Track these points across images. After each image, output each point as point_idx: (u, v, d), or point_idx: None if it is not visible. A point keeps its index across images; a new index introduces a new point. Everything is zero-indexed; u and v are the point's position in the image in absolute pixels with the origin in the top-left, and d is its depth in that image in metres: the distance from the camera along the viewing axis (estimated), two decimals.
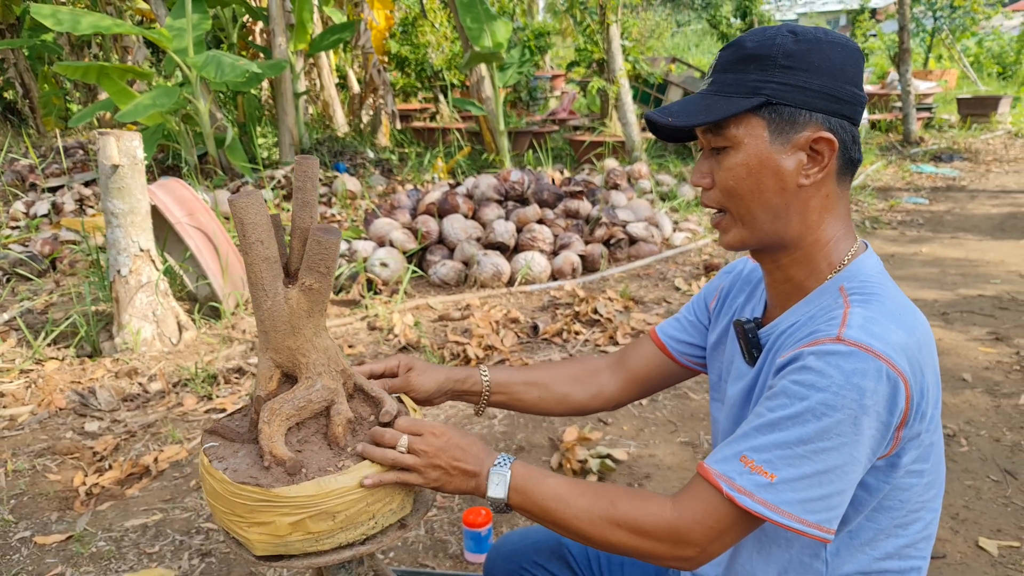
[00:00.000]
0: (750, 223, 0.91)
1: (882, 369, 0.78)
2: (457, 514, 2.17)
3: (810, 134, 0.87)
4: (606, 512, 0.89)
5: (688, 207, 5.96)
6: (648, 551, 0.88)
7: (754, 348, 0.97)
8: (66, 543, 2.08)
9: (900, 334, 0.81)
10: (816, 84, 0.86)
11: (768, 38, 0.87)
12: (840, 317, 0.83)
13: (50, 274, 4.62)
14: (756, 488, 0.81)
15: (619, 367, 1.24)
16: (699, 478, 0.87)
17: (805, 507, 0.79)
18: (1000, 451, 2.40)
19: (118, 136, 3.14)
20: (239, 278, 3.83)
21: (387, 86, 8.57)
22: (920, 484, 0.88)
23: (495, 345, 3.35)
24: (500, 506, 0.95)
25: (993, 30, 15.69)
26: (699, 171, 0.94)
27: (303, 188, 0.96)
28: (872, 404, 0.78)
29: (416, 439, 0.95)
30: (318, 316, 0.96)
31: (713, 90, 0.90)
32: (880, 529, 0.89)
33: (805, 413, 0.79)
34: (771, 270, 0.97)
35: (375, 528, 0.97)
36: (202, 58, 6.04)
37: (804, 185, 0.89)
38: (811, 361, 0.81)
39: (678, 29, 24.42)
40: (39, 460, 2.51)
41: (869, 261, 0.93)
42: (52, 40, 9.66)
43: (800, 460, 0.79)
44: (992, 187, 6.96)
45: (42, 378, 3.09)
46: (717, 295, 1.16)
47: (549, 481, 0.93)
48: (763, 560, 0.95)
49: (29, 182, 6.59)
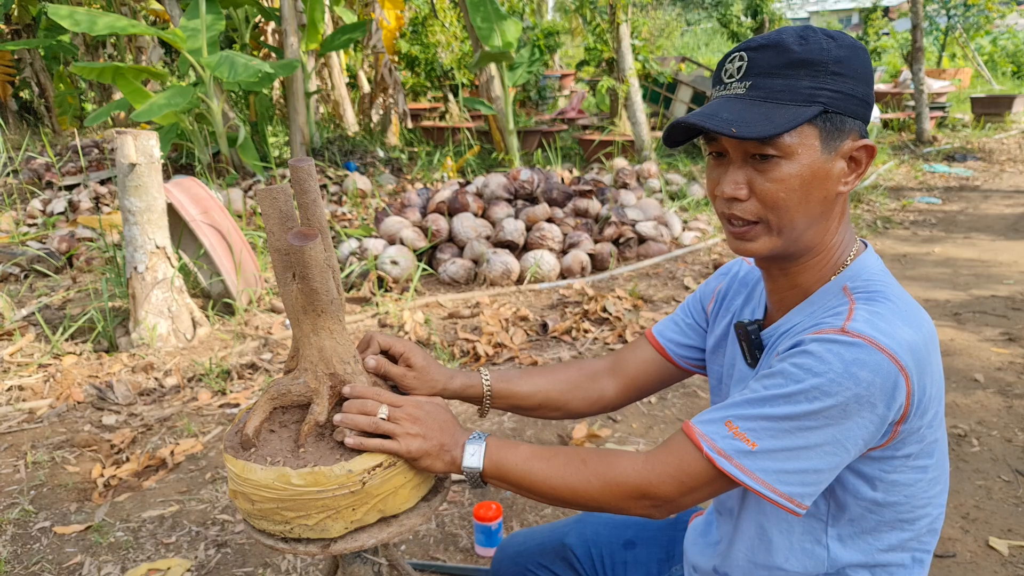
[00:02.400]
0: (787, 233, 0.87)
1: (883, 361, 0.79)
2: (468, 508, 2.19)
3: (852, 142, 0.87)
4: (577, 471, 0.91)
5: (697, 206, 5.96)
6: (616, 504, 0.90)
7: (756, 349, 0.98)
8: (85, 533, 2.13)
9: (907, 331, 0.82)
10: (860, 92, 0.85)
11: (814, 42, 0.84)
12: (846, 313, 0.84)
13: (67, 271, 4.69)
14: (736, 453, 0.83)
15: (618, 371, 1.23)
16: (681, 435, 0.88)
17: (779, 477, 0.81)
18: (1012, 451, 2.40)
19: (135, 135, 3.19)
20: (252, 275, 3.87)
21: (398, 85, 8.61)
22: (924, 480, 0.89)
23: (504, 343, 3.38)
24: (475, 477, 0.95)
25: (1008, 29, 15.56)
26: (733, 181, 0.87)
27: (305, 189, 0.97)
28: (867, 395, 0.78)
29: (396, 409, 0.96)
30: (315, 316, 0.97)
31: (760, 96, 0.85)
32: (883, 521, 0.90)
33: (797, 394, 0.80)
34: (776, 276, 0.95)
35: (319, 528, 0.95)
36: (215, 58, 6.10)
37: (841, 193, 0.88)
38: (812, 347, 0.81)
39: (688, 28, 24.34)
40: (58, 452, 2.56)
41: (870, 260, 0.93)
42: (68, 41, 9.77)
43: (783, 434, 0.81)
44: (1006, 187, 6.91)
45: (60, 372, 3.14)
46: (714, 297, 1.15)
47: (522, 448, 0.96)
48: (764, 547, 0.96)
49: (46, 180, 6.68)
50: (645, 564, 1.24)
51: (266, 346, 3.44)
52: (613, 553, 1.25)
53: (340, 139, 8.35)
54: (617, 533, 1.26)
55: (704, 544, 1.10)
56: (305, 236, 0.91)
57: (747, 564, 0.99)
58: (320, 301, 0.96)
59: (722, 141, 0.88)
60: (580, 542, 1.25)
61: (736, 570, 1.00)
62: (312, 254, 0.91)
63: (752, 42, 0.87)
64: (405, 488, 0.98)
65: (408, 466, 0.96)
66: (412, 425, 0.94)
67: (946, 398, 2.78)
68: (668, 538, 1.24)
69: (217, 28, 6.47)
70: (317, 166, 6.94)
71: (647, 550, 1.25)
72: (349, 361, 1.00)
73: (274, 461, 0.95)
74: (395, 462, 0.96)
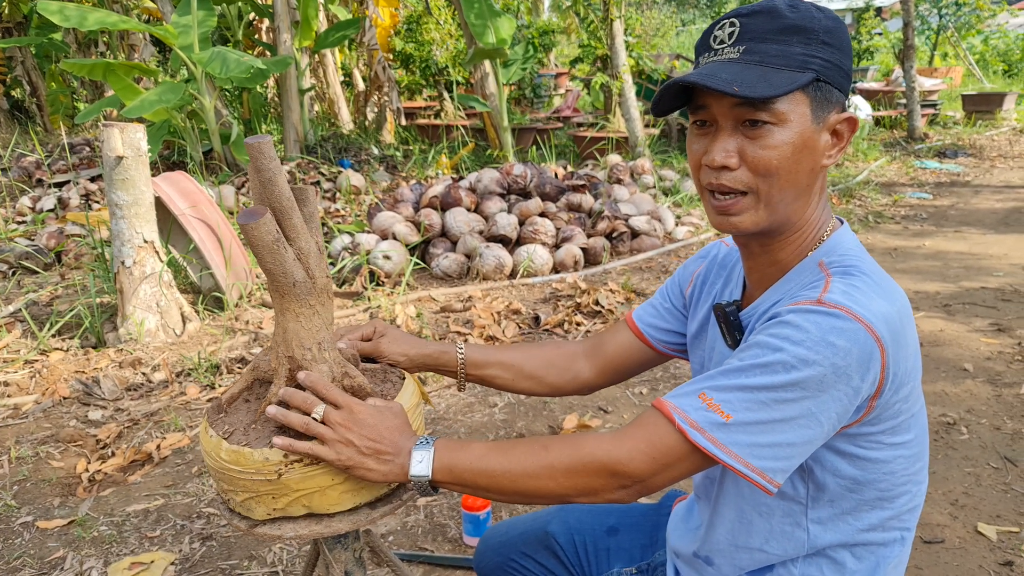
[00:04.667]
0: (774, 205, 0.86)
1: (859, 331, 0.77)
2: (456, 498, 2.18)
3: (837, 115, 0.86)
4: (538, 457, 0.86)
5: (691, 202, 5.96)
6: (584, 485, 0.85)
7: (736, 331, 0.96)
8: (68, 528, 2.10)
9: (881, 303, 0.80)
10: (846, 64, 0.85)
11: (804, 10, 0.83)
12: (822, 286, 0.83)
13: (55, 267, 4.66)
14: (709, 425, 0.79)
15: (595, 353, 1.22)
16: (652, 410, 0.85)
17: (753, 451, 0.78)
18: (1000, 439, 2.39)
19: (122, 128, 3.16)
20: (242, 269, 3.85)
21: (392, 83, 8.59)
22: (903, 457, 0.88)
23: (496, 335, 3.36)
24: (424, 486, 0.90)
25: (999, 28, 15.61)
26: (723, 149, 0.85)
27: (259, 168, 0.92)
28: (844, 365, 0.77)
29: (333, 410, 0.90)
30: (279, 297, 0.95)
31: (755, 60, 0.83)
32: (864, 500, 0.89)
33: (775, 364, 0.78)
34: (757, 253, 0.94)
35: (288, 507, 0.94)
36: (208, 54, 6.07)
37: (825, 166, 0.87)
38: (789, 317, 0.80)
39: (683, 28, 24.38)
40: (42, 448, 2.53)
41: (846, 236, 0.92)
42: (59, 39, 9.72)
43: (759, 406, 0.78)
44: (996, 182, 6.93)
45: (46, 368, 3.11)
46: (692, 281, 1.13)
47: (473, 446, 0.90)
48: (744, 530, 0.95)
49: (36, 178, 6.64)
50: (628, 550, 1.22)
51: (256, 340, 3.41)
52: (596, 540, 1.23)
53: (335, 137, 8.32)
54: (600, 520, 1.25)
55: (685, 529, 1.09)
56: (251, 214, 0.88)
57: (728, 547, 0.97)
58: (277, 282, 0.93)
59: (712, 109, 0.85)
60: (563, 530, 1.24)
61: (716, 554, 0.99)
62: (255, 233, 0.88)
63: (743, 9, 0.86)
64: (335, 490, 0.94)
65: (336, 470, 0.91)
66: (346, 431, 0.88)
67: (936, 387, 2.77)
68: (652, 524, 1.23)
69: (209, 24, 6.43)
70: (311, 163, 6.91)
71: (630, 536, 1.23)
72: (311, 347, 0.96)
73: (225, 432, 0.96)
74: (318, 461, 0.91)
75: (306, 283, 0.97)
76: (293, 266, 0.94)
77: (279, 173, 0.93)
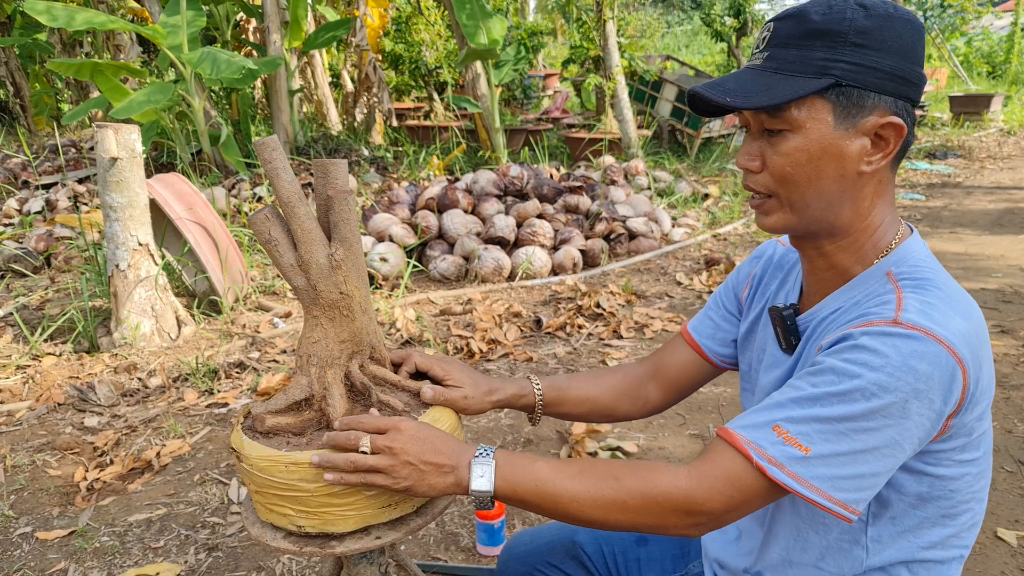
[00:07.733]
0: (800, 210, 0.85)
1: (941, 354, 0.74)
2: (469, 507, 2.14)
3: (877, 119, 0.81)
4: (611, 491, 0.83)
5: (685, 203, 5.95)
6: (656, 522, 0.83)
7: (792, 335, 0.93)
8: (68, 538, 2.04)
9: (959, 321, 0.77)
10: (887, 65, 0.80)
11: (838, 11, 0.80)
12: (894, 302, 0.79)
13: (45, 270, 4.56)
14: (788, 460, 0.76)
15: (660, 375, 1.19)
16: (722, 443, 0.81)
17: (835, 484, 0.76)
18: (1013, 442, 2.39)
19: (116, 129, 3.09)
20: (239, 272, 3.78)
21: (382, 83, 8.52)
22: (971, 474, 0.85)
23: (498, 339, 3.32)
24: (486, 501, 0.88)
25: (983, 30, 15.81)
26: (747, 153, 0.86)
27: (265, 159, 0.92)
28: (926, 389, 0.74)
29: (380, 437, 0.87)
30: (309, 308, 0.97)
31: (772, 67, 0.82)
32: (926, 518, 0.85)
33: (854, 392, 0.74)
34: (812, 257, 0.91)
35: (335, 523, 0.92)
36: (197, 55, 5.98)
37: (864, 172, 0.83)
38: (865, 340, 0.76)
39: (668, 30, 24.47)
40: (39, 455, 2.46)
41: (916, 245, 0.88)
42: (44, 39, 9.57)
43: (839, 437, 0.75)
44: (987, 183, 7.00)
45: (39, 374, 3.03)
46: (749, 283, 1.10)
47: (539, 465, 0.87)
48: (800, 547, 0.91)
49: (22, 179, 6.51)
50: (659, 560, 1.19)
51: (253, 344, 3.35)
52: (626, 550, 1.20)
53: (324, 138, 8.24)
54: None
55: (724, 541, 1.06)
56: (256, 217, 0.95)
57: (780, 563, 0.94)
58: (305, 294, 0.97)
59: (745, 114, 0.87)
60: (591, 539, 1.21)
61: (768, 569, 0.96)
62: (252, 229, 0.94)
63: (782, 12, 0.84)
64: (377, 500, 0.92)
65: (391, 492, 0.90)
66: (400, 454, 0.87)
67: None
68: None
69: (198, 24, 6.34)
70: (302, 164, 6.84)
71: (660, 546, 1.20)
72: (303, 356, 0.99)
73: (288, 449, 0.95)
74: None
75: (308, 292, 0.95)
76: (291, 271, 0.94)
77: (285, 169, 0.93)
